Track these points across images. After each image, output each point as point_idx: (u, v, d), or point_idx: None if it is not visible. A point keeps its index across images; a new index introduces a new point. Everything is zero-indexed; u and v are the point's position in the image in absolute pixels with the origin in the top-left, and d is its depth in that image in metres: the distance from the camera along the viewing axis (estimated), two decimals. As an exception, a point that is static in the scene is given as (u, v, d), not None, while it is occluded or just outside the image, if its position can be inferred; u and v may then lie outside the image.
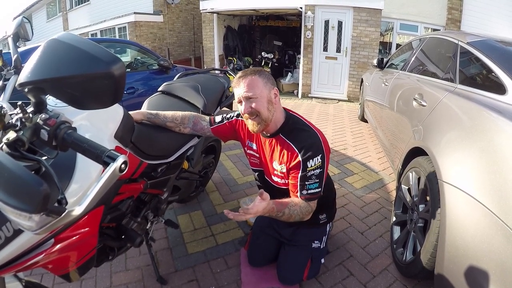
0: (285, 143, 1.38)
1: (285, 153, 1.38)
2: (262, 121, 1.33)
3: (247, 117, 1.34)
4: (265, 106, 1.32)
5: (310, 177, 1.33)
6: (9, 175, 0.51)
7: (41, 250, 0.84)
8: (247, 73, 1.34)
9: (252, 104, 1.31)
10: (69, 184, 0.84)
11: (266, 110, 1.32)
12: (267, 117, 1.33)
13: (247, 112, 1.32)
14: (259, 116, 1.32)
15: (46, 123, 0.64)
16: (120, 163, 0.57)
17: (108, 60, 0.58)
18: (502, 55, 1.63)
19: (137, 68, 4.27)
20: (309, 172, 1.32)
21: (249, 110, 1.31)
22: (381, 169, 3.06)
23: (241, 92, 1.32)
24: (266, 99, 1.32)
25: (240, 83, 1.33)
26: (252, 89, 1.30)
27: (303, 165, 1.32)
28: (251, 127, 1.37)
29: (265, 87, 1.33)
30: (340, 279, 1.63)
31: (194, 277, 1.62)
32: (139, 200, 1.43)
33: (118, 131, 1.08)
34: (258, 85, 1.31)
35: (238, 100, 1.35)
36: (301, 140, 1.35)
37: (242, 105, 1.33)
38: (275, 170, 1.45)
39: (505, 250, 0.97)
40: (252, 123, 1.35)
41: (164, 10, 9.53)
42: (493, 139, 1.18)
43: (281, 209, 1.25)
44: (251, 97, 1.30)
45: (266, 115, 1.32)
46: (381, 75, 3.56)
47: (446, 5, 6.79)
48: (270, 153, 1.46)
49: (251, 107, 1.31)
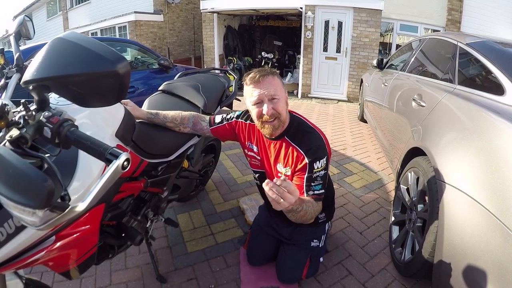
0: (290, 146, 1.35)
1: (291, 156, 1.35)
2: (281, 124, 1.29)
3: (267, 119, 1.27)
4: (285, 107, 1.29)
5: (316, 179, 1.30)
6: (14, 171, 0.51)
7: (42, 247, 0.84)
8: (267, 72, 1.27)
9: (274, 105, 1.25)
10: (71, 181, 0.85)
11: (285, 112, 1.29)
12: (285, 120, 1.30)
13: (270, 114, 1.25)
14: (278, 118, 1.27)
15: (49, 120, 0.65)
16: (123, 160, 0.58)
17: (113, 58, 0.59)
18: (501, 56, 1.64)
19: (137, 67, 4.27)
20: (315, 173, 1.29)
21: (272, 112, 1.25)
22: (380, 169, 3.07)
23: (261, 91, 1.25)
24: (284, 100, 1.29)
25: (260, 82, 1.25)
26: (274, 89, 1.25)
27: (310, 167, 1.30)
28: (269, 131, 1.31)
29: (282, 87, 1.29)
30: (339, 278, 1.64)
31: (194, 276, 1.63)
32: (139, 199, 1.44)
33: (119, 129, 1.08)
34: (277, 85, 1.27)
35: (257, 101, 1.27)
36: (307, 143, 1.32)
37: (264, 106, 1.25)
38: (279, 173, 1.42)
39: (502, 249, 0.98)
40: (271, 126, 1.29)
41: (164, 10, 9.52)
42: (491, 140, 1.19)
43: (301, 203, 1.18)
44: (274, 97, 1.25)
45: (284, 117, 1.29)
46: (381, 75, 3.57)
47: (446, 6, 6.81)
48: (275, 155, 1.42)
49: (273, 108, 1.25)
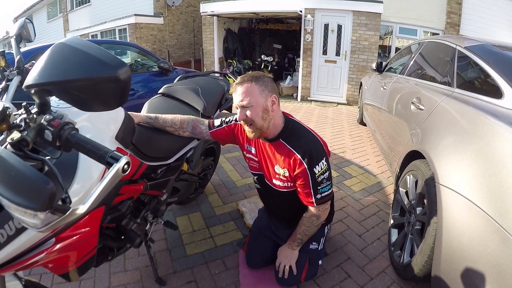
0: (285, 148, 1.39)
1: (287, 159, 1.39)
2: (257, 130, 1.34)
3: (242, 123, 1.38)
4: (260, 115, 1.31)
5: (322, 182, 1.36)
6: (16, 173, 0.52)
7: (42, 249, 0.84)
8: (244, 80, 1.33)
9: (246, 112, 1.31)
10: (71, 184, 0.85)
11: (260, 119, 1.32)
12: (261, 126, 1.33)
13: (242, 120, 1.35)
14: (253, 125, 1.33)
15: (50, 123, 0.65)
16: (123, 163, 0.59)
17: (114, 64, 0.60)
18: (499, 59, 1.65)
19: (137, 70, 4.28)
20: (319, 177, 1.35)
21: (243, 118, 1.33)
22: (379, 172, 3.07)
23: (236, 100, 1.34)
24: (261, 107, 1.31)
25: (236, 89, 1.34)
26: (246, 97, 1.30)
27: (311, 173, 1.34)
28: (248, 134, 1.40)
29: (260, 95, 1.31)
30: (338, 281, 1.64)
31: (193, 279, 1.63)
32: (139, 201, 1.44)
33: (119, 132, 1.09)
34: (253, 93, 1.31)
35: (236, 107, 1.37)
36: (303, 146, 1.36)
37: (238, 112, 1.35)
38: (277, 174, 1.46)
39: (501, 252, 0.99)
40: (248, 130, 1.37)
41: (164, 12, 9.56)
42: (489, 143, 1.19)
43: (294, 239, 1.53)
44: (245, 106, 1.31)
45: (260, 124, 1.32)
46: (380, 78, 3.58)
47: (445, 9, 6.85)
48: (272, 157, 1.46)
49: (245, 115, 1.32)
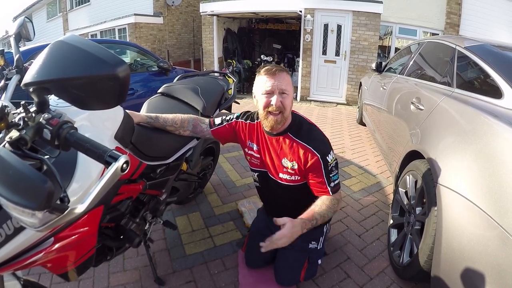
0: (294, 141, 1.42)
1: (296, 151, 1.41)
2: (283, 119, 1.36)
3: (273, 109, 1.32)
4: (291, 104, 1.36)
5: (332, 170, 1.40)
6: (14, 172, 0.51)
7: (41, 248, 0.84)
8: (278, 69, 1.34)
9: (282, 99, 1.32)
10: (70, 183, 0.85)
11: (289, 108, 1.36)
12: (288, 116, 1.37)
13: (277, 106, 1.31)
14: (282, 113, 1.34)
15: (49, 122, 0.65)
16: (122, 162, 0.58)
17: (113, 62, 0.59)
18: (499, 59, 1.65)
19: (136, 70, 4.28)
20: (330, 165, 1.39)
21: (279, 104, 1.31)
22: (379, 172, 3.07)
23: (274, 84, 1.31)
24: (292, 98, 1.37)
25: (275, 75, 1.32)
26: (285, 84, 1.33)
27: (324, 162, 1.37)
28: (271, 123, 1.36)
29: (291, 86, 1.37)
30: (337, 281, 1.64)
31: (192, 278, 1.62)
32: (138, 201, 1.43)
33: (118, 131, 1.09)
34: (289, 82, 1.36)
35: (269, 91, 1.32)
36: (313, 139, 1.40)
37: (274, 97, 1.31)
38: (285, 168, 1.46)
39: (500, 252, 0.99)
40: (274, 119, 1.34)
41: (164, 12, 9.56)
42: (489, 143, 1.19)
43: (311, 218, 1.27)
44: (285, 91, 1.32)
45: (288, 113, 1.36)
46: (380, 79, 3.58)
47: (445, 10, 6.86)
48: (279, 151, 1.47)
49: (281, 101, 1.31)
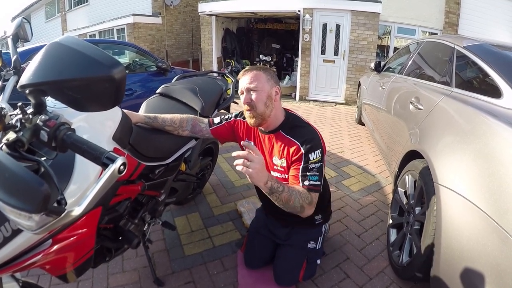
0: (285, 139, 1.42)
1: (286, 148, 1.41)
2: (258, 115, 1.37)
3: (246, 108, 1.39)
4: (263, 100, 1.36)
5: (312, 169, 1.35)
6: (10, 175, 0.51)
7: (39, 250, 0.84)
8: (253, 68, 1.42)
9: (252, 96, 1.36)
10: (67, 185, 0.84)
11: (263, 104, 1.36)
12: (263, 112, 1.37)
13: (246, 103, 1.37)
14: (254, 110, 1.36)
15: (46, 124, 0.64)
16: (119, 164, 0.58)
17: (109, 63, 0.59)
18: (498, 59, 1.65)
19: (135, 70, 4.27)
20: (311, 164, 1.35)
21: (248, 101, 1.37)
22: (378, 172, 3.07)
23: (244, 83, 1.39)
24: (266, 94, 1.37)
25: (245, 74, 1.40)
26: (254, 81, 1.36)
27: (305, 157, 1.36)
28: (248, 120, 1.43)
29: (267, 83, 1.38)
30: (336, 281, 1.64)
31: (191, 279, 1.62)
32: (137, 202, 1.43)
33: (116, 132, 1.08)
34: (260, 79, 1.37)
35: (241, 91, 1.41)
36: (302, 135, 1.40)
37: (243, 96, 1.39)
38: (275, 165, 1.48)
39: (500, 252, 0.98)
40: (248, 115, 1.40)
41: (162, 12, 9.54)
42: (488, 142, 1.19)
43: (280, 185, 1.21)
44: (252, 88, 1.36)
45: (262, 109, 1.36)
46: (378, 78, 3.58)
47: (444, 9, 6.85)
48: (270, 148, 1.48)
49: (250, 98, 1.36)
